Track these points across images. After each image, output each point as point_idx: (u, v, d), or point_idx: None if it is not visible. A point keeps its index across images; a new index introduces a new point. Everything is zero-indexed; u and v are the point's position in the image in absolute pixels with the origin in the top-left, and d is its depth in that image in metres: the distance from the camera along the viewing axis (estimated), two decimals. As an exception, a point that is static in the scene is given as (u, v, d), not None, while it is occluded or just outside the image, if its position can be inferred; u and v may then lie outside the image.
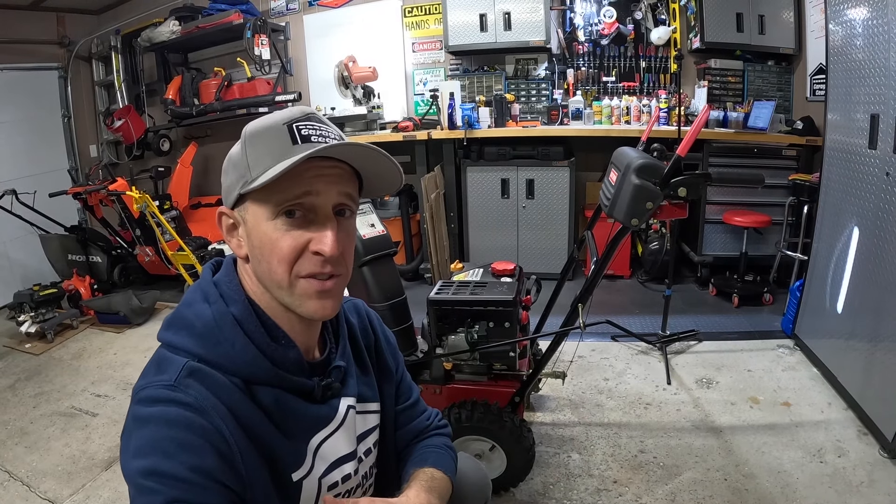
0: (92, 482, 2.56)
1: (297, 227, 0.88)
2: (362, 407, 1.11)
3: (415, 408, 1.29)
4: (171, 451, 0.79)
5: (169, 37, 5.28)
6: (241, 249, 0.94)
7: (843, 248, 2.81)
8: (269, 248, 0.88)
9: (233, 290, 0.94)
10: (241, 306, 0.92)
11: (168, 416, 0.81)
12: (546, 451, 2.54)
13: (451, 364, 2.28)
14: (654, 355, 3.37)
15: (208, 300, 0.93)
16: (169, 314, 0.96)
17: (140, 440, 0.80)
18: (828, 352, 3.02)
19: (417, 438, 1.26)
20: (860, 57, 2.67)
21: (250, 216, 0.90)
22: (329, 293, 0.92)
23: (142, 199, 4.38)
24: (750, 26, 4.29)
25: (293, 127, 0.88)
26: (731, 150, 4.13)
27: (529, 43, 4.60)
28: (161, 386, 0.84)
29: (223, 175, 0.95)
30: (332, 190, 0.89)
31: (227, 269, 0.98)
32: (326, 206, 0.89)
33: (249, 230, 0.91)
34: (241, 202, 0.92)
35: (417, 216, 4.94)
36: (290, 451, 0.95)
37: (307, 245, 0.88)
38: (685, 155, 1.76)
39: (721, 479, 2.32)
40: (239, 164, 0.91)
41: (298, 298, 0.91)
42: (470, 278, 2.36)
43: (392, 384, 1.24)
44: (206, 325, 0.90)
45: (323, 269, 0.89)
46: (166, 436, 0.80)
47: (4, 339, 4.33)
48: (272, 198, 0.87)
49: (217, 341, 0.89)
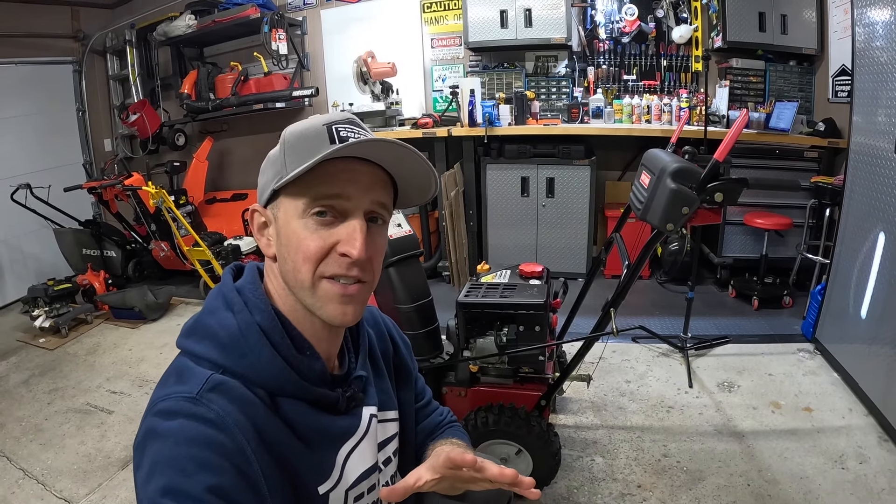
0: (108, 481, 2.56)
1: (327, 227, 0.87)
2: (382, 415, 1.10)
3: (428, 406, 1.30)
4: (190, 469, 0.75)
5: (185, 31, 5.24)
6: (269, 248, 0.93)
7: (868, 252, 2.78)
8: (295, 246, 0.87)
9: (258, 297, 0.92)
10: (267, 316, 0.90)
11: (188, 433, 0.78)
12: (570, 455, 2.53)
13: (476, 367, 2.26)
14: (675, 357, 3.35)
15: (232, 308, 0.90)
16: (189, 320, 0.94)
17: (157, 456, 0.77)
18: (849, 357, 2.99)
19: (432, 433, 1.25)
20: (885, 59, 2.64)
21: (282, 213, 0.89)
22: (352, 299, 0.90)
23: (158, 195, 4.37)
24: (772, 26, 4.24)
25: (332, 128, 0.88)
26: (752, 150, 4.08)
27: (550, 40, 4.57)
28: (182, 398, 0.81)
29: (260, 175, 0.94)
30: (366, 195, 0.88)
31: (251, 275, 0.96)
32: (358, 210, 0.88)
33: (280, 227, 0.90)
34: (274, 199, 0.90)
35: (436, 213, 4.92)
36: (316, 464, 0.93)
37: (334, 246, 0.86)
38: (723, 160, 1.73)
39: (744, 484, 2.31)
40: (276, 163, 0.90)
41: (320, 300, 0.89)
42: (498, 280, 2.35)
43: (411, 389, 1.23)
44: (230, 334, 0.88)
45: (349, 271, 0.87)
46: (186, 454, 0.76)
47: (18, 334, 4.36)
48: (306, 193, 0.86)
49: (242, 353, 0.87)
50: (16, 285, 5.09)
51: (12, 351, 4.07)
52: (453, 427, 1.27)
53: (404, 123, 4.94)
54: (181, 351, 0.91)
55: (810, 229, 3.94)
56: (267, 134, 5.56)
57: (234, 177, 6.11)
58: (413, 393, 1.24)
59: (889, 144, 2.60)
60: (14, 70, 5.27)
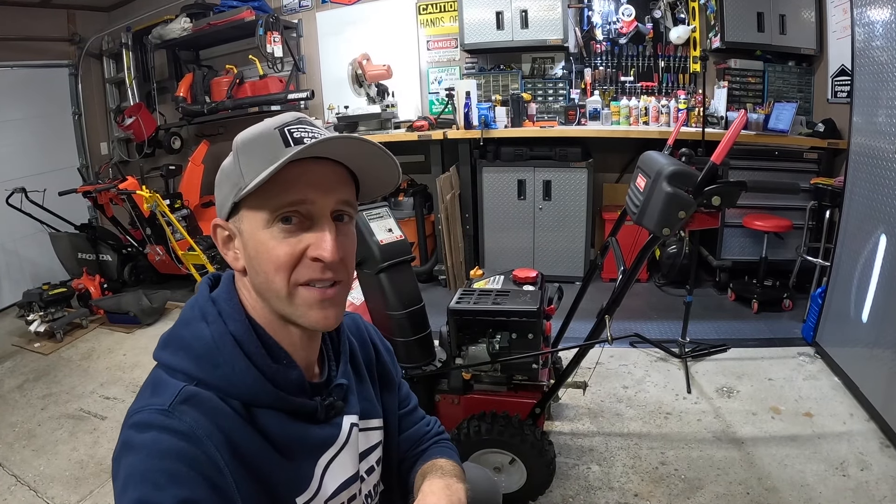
0: (100, 488, 2.54)
1: (294, 233, 0.85)
2: (364, 424, 1.09)
3: (414, 413, 1.28)
4: (162, 482, 0.75)
5: (180, 34, 5.25)
6: (237, 262, 0.92)
7: (870, 255, 2.75)
8: (265, 257, 0.86)
9: (232, 307, 0.91)
10: (241, 325, 0.89)
11: (160, 446, 0.78)
12: (565, 463, 2.49)
13: (469, 374, 2.23)
14: (673, 362, 3.32)
15: (206, 319, 0.89)
16: (165, 332, 0.93)
17: (131, 469, 0.77)
18: (850, 361, 2.96)
19: (418, 444, 1.24)
20: (885, 59, 2.61)
21: (246, 225, 0.88)
22: (331, 302, 0.89)
23: (152, 199, 4.36)
24: (771, 26, 4.21)
25: (285, 130, 0.86)
26: (750, 152, 4.04)
27: (547, 41, 4.54)
28: (155, 411, 0.81)
29: (216, 189, 0.93)
30: (329, 197, 0.87)
31: (226, 285, 0.95)
32: (324, 211, 0.87)
33: (246, 240, 0.88)
34: (236, 212, 0.89)
35: (432, 217, 4.89)
36: (294, 475, 0.92)
37: (305, 252, 0.85)
38: (721, 162, 1.70)
39: (743, 492, 2.27)
40: (232, 174, 0.88)
41: (299, 308, 0.88)
42: (491, 286, 2.32)
43: (394, 395, 1.22)
44: (204, 346, 0.87)
45: (323, 275, 0.86)
46: (157, 467, 0.76)
47: (13, 339, 4.34)
48: (267, 203, 0.84)
49: (216, 363, 0.86)
50: (11, 289, 5.07)
51: (7, 355, 4.05)
52: (440, 444, 1.24)
53: (400, 126, 4.91)
54: (157, 363, 0.90)
55: (810, 231, 3.90)
56: (263, 137, 5.51)
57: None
58: (396, 399, 1.22)
59: (890, 145, 2.57)
60: (10, 73, 5.26)
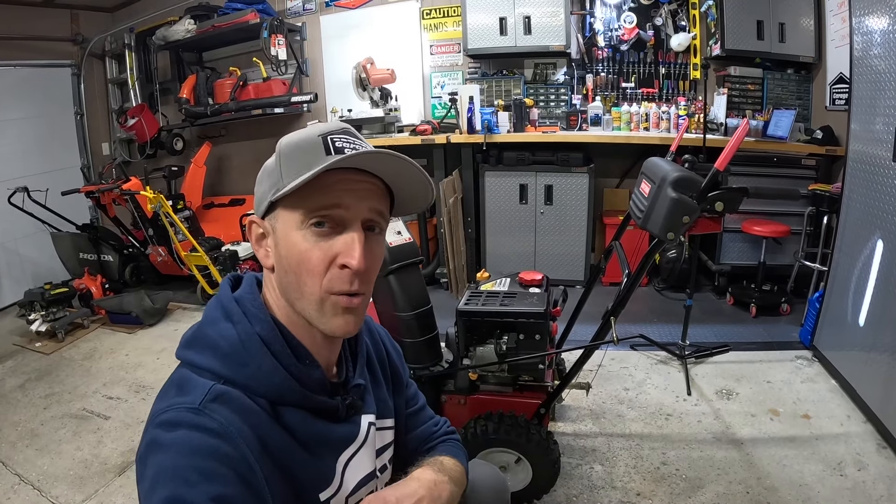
0: (105, 488, 2.54)
1: (326, 237, 0.87)
2: (380, 423, 1.11)
3: (422, 413, 1.29)
4: (194, 479, 0.75)
5: (184, 35, 5.27)
6: (268, 259, 0.94)
7: (867, 260, 2.79)
8: (296, 260, 0.88)
9: (257, 308, 0.93)
10: (267, 326, 0.91)
11: (191, 443, 0.78)
12: (569, 463, 2.52)
13: (476, 375, 2.26)
14: (673, 365, 3.35)
15: (231, 319, 0.91)
16: (188, 331, 0.94)
17: (160, 467, 0.77)
18: (847, 364, 3.00)
19: (425, 443, 1.25)
20: (883, 67, 2.65)
21: (280, 224, 0.90)
22: (354, 311, 0.91)
23: (156, 199, 4.37)
24: (770, 34, 4.26)
25: (327, 139, 0.88)
26: (749, 158, 4.08)
27: (549, 47, 4.58)
28: (184, 409, 0.82)
29: (256, 185, 0.95)
30: (362, 205, 0.89)
31: (250, 285, 0.97)
32: (355, 220, 0.88)
33: (278, 239, 0.90)
34: (272, 210, 0.91)
35: (434, 220, 4.92)
36: (317, 471, 0.94)
37: (335, 258, 0.87)
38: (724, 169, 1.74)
39: (743, 492, 2.31)
40: (272, 174, 0.90)
41: (326, 315, 0.90)
42: (498, 288, 2.35)
43: (403, 395, 1.24)
44: (231, 345, 0.88)
45: (351, 286, 0.88)
46: (189, 464, 0.77)
47: (15, 338, 4.33)
48: (302, 206, 0.87)
49: (244, 362, 0.88)
50: (12, 289, 5.06)
51: (8, 355, 4.04)
52: (447, 442, 1.26)
53: (403, 130, 4.94)
54: (181, 362, 0.92)
55: (808, 237, 3.94)
56: (265, 139, 5.55)
57: (232, 182, 6.10)
58: (404, 399, 1.24)
59: (887, 152, 2.60)
60: (13, 73, 5.26)
